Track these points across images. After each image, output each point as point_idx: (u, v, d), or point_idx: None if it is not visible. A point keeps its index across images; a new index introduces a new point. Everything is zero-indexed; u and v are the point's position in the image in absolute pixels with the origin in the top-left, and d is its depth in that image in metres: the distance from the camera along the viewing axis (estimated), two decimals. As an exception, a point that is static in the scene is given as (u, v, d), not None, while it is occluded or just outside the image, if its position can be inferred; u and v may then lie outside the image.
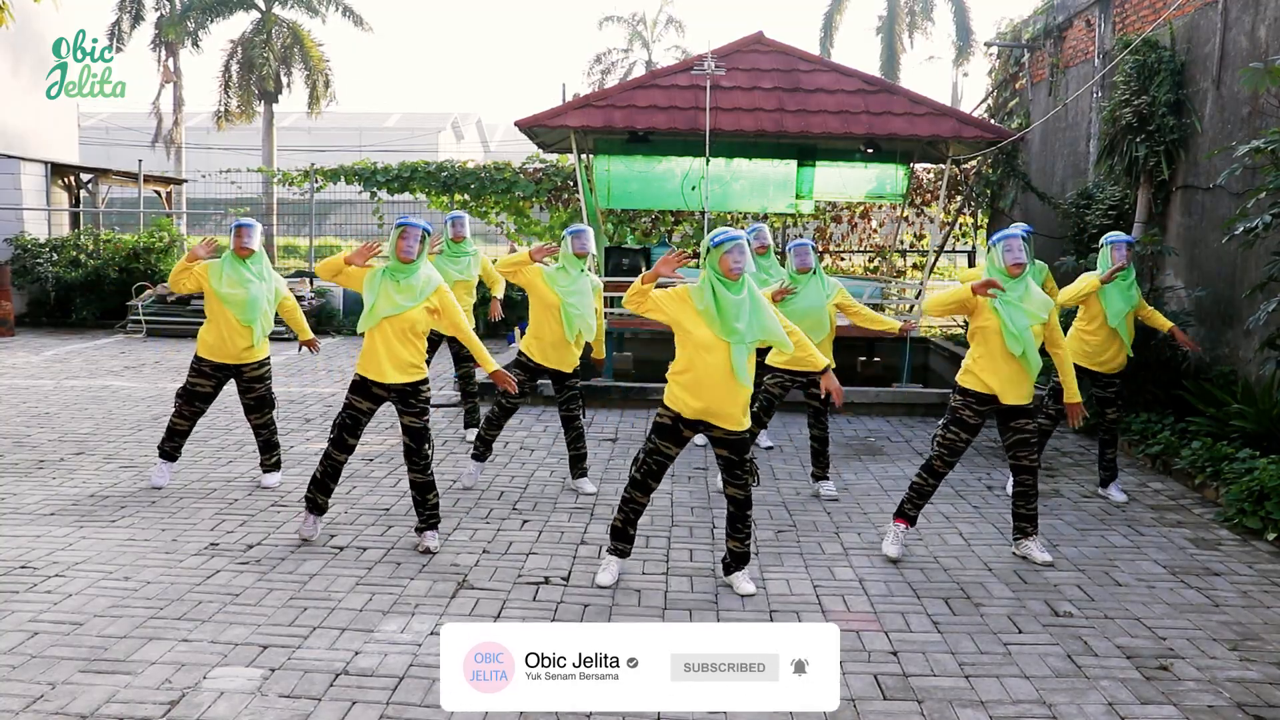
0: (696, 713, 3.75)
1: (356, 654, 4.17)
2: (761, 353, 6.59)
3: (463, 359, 8.14)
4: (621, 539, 5.07)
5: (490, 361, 5.54)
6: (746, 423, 4.85)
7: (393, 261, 5.29)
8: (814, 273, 6.58)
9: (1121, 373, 6.74)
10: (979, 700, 3.88)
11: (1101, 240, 6.74)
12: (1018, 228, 5.38)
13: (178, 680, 3.90)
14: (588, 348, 6.79)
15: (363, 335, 5.41)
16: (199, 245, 6.25)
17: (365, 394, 5.38)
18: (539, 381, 6.66)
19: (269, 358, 6.56)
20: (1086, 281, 6.59)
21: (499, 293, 8.28)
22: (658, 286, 4.81)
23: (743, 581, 4.96)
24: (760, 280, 7.37)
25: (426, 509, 5.47)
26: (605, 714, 3.72)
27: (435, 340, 8.13)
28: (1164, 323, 6.91)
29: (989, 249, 5.47)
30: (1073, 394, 5.60)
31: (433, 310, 5.36)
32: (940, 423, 5.55)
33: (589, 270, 6.50)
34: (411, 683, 3.93)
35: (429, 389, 5.44)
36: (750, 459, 4.90)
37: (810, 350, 5.13)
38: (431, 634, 4.37)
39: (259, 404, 6.52)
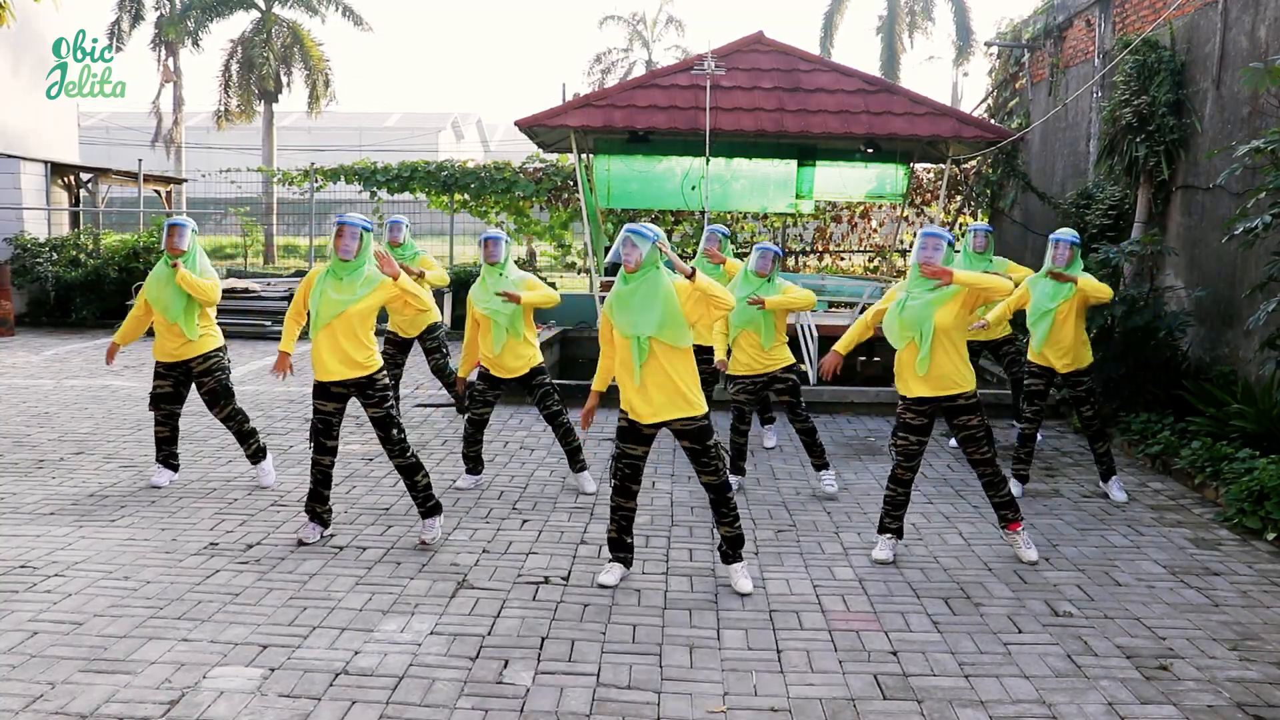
0: (695, 713, 3.76)
1: (356, 654, 4.17)
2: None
3: (430, 352, 8.19)
4: (619, 549, 5.07)
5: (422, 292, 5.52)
6: (695, 410, 4.79)
7: (333, 261, 5.31)
8: (769, 280, 6.47)
9: (1089, 370, 6.68)
10: (979, 700, 3.88)
11: (1051, 236, 6.77)
12: (943, 231, 5.34)
13: (178, 680, 3.90)
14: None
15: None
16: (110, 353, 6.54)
17: (325, 395, 5.42)
18: (504, 389, 6.69)
19: (217, 350, 6.49)
20: (1021, 282, 6.77)
21: (427, 272, 8.08)
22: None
23: (740, 579, 4.96)
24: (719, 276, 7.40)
25: (418, 492, 5.50)
26: (605, 714, 3.73)
27: (405, 343, 8.17)
28: (1103, 290, 6.51)
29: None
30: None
31: (393, 298, 5.34)
32: (891, 432, 5.57)
33: (508, 273, 6.44)
34: (411, 683, 3.93)
35: (384, 376, 5.44)
36: (715, 444, 4.88)
37: (713, 305, 4.78)
38: (431, 634, 4.37)
39: (213, 397, 6.48)
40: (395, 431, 5.42)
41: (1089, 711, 3.81)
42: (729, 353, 6.68)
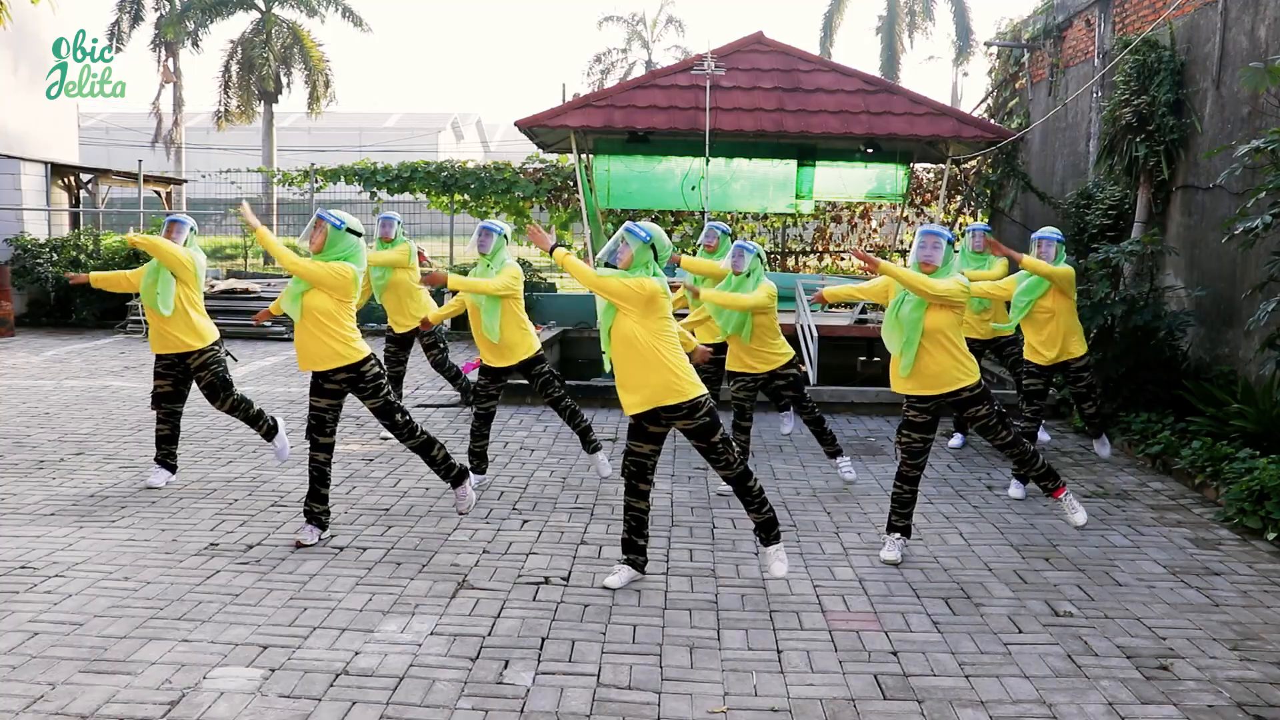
0: (696, 713, 3.76)
1: (356, 654, 4.17)
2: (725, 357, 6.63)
3: (428, 348, 8.22)
4: (630, 550, 5.06)
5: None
6: (687, 395, 4.74)
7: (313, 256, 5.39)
8: (748, 276, 6.38)
9: (1084, 365, 6.84)
10: (979, 700, 3.88)
11: (1033, 236, 6.89)
12: (938, 228, 5.38)
13: (178, 680, 3.90)
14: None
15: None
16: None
17: (318, 391, 5.46)
18: (507, 380, 6.70)
19: (213, 344, 6.51)
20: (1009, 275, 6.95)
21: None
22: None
23: (774, 562, 4.97)
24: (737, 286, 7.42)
25: (438, 465, 5.58)
26: (605, 714, 3.73)
27: (406, 340, 8.16)
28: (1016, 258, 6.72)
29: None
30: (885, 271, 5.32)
31: (332, 284, 5.28)
32: (895, 430, 5.60)
33: (499, 267, 6.43)
34: (411, 683, 3.93)
35: (371, 366, 5.45)
36: (722, 438, 4.87)
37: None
38: (432, 634, 4.37)
39: (212, 391, 6.49)
40: (399, 416, 5.49)
41: (1089, 711, 3.81)
42: (724, 346, 6.72)
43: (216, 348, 6.51)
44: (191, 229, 6.53)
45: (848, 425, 8.99)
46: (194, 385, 6.61)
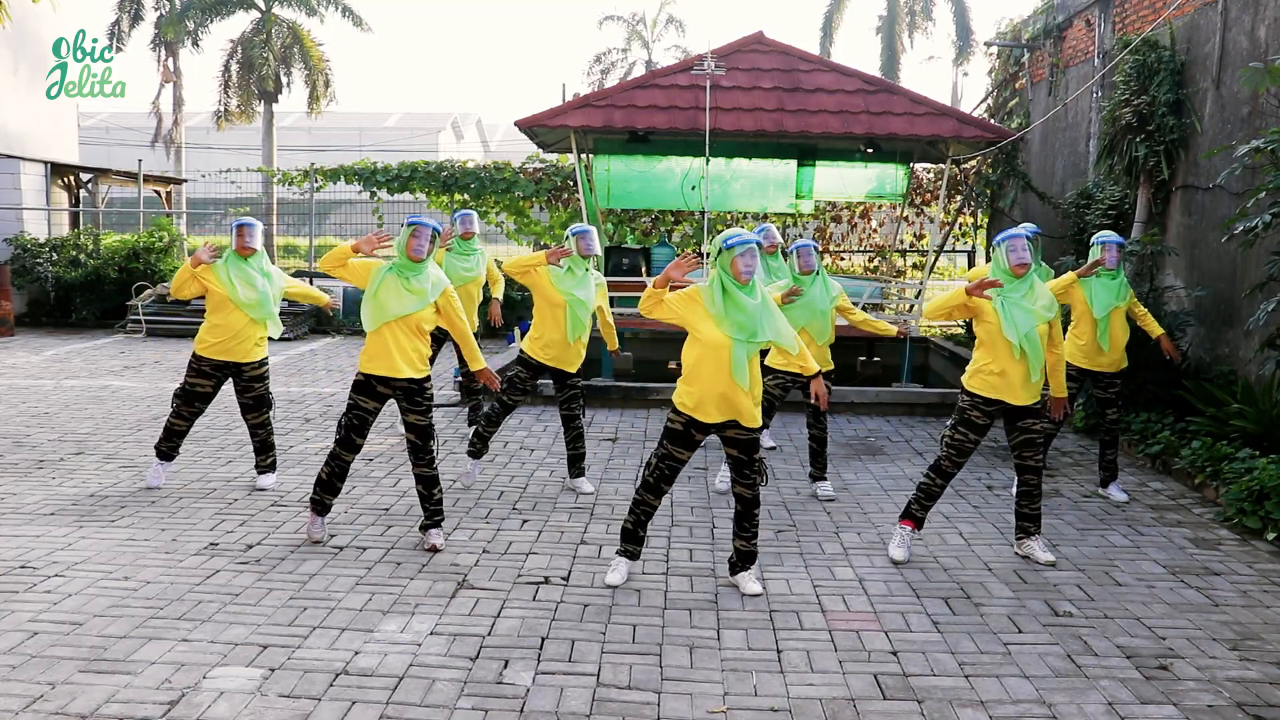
0: (696, 713, 3.76)
1: (356, 654, 4.17)
2: (760, 353, 6.61)
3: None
4: (632, 541, 5.08)
5: (479, 359, 5.60)
6: (757, 422, 4.87)
7: (401, 259, 5.31)
8: (817, 274, 6.59)
9: (1122, 373, 6.76)
10: (979, 700, 3.88)
11: (1093, 239, 6.74)
12: (1024, 228, 5.40)
13: (178, 680, 3.90)
14: (593, 344, 6.76)
15: (363, 333, 5.44)
16: (201, 250, 6.23)
17: (370, 393, 5.39)
18: (540, 381, 6.67)
19: (268, 358, 6.56)
20: (1065, 277, 6.67)
21: (499, 293, 8.33)
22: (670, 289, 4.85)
23: (749, 581, 4.96)
24: (766, 280, 7.43)
25: (432, 503, 5.50)
26: (605, 714, 3.73)
27: (440, 338, 8.14)
28: (1155, 328, 6.84)
29: (994, 248, 5.48)
30: (1058, 389, 5.63)
31: (437, 310, 5.44)
32: (948, 423, 5.55)
33: (592, 270, 6.53)
34: (411, 683, 3.93)
35: (431, 385, 5.46)
36: (760, 459, 4.92)
37: (806, 357, 5.10)
38: (431, 634, 4.37)
39: (257, 403, 6.51)
40: (431, 442, 5.44)
41: (1089, 711, 3.81)
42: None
43: (268, 362, 6.56)
44: (263, 230, 6.48)
45: (847, 425, 8.99)
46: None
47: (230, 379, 6.47)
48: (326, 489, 5.52)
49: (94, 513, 6.00)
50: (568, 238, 6.44)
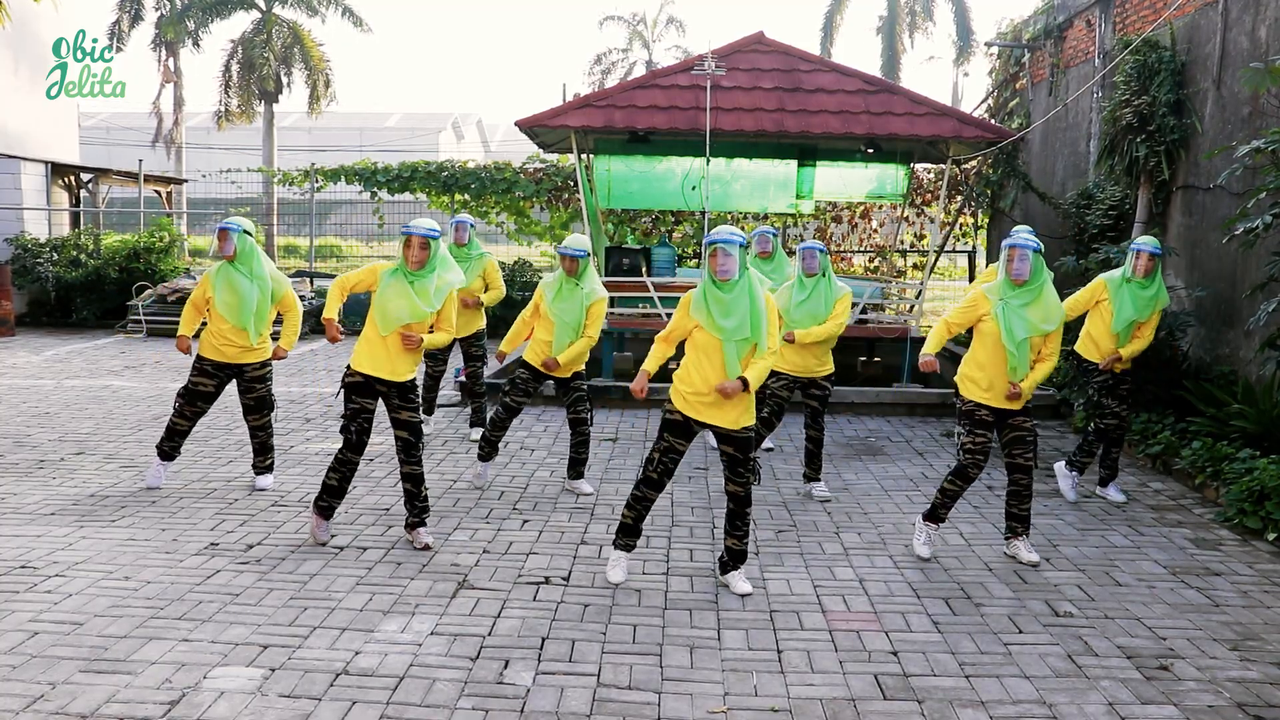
0: (696, 713, 3.76)
1: (356, 654, 4.17)
2: None
3: (472, 358, 8.13)
4: (630, 534, 5.09)
5: (435, 343, 5.54)
6: (749, 420, 4.88)
7: (401, 264, 5.34)
8: (823, 275, 6.59)
9: (1129, 371, 6.70)
10: (979, 700, 3.88)
11: (1129, 245, 6.66)
12: (1029, 240, 5.35)
13: (178, 680, 3.90)
14: (595, 344, 6.69)
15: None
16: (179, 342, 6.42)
17: (369, 393, 5.42)
18: (540, 383, 6.66)
19: (270, 360, 6.55)
20: (1094, 285, 6.59)
21: (491, 301, 8.03)
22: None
23: (739, 581, 4.96)
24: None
25: (419, 500, 5.51)
26: (605, 714, 3.73)
27: (452, 343, 8.11)
28: (1137, 347, 6.57)
29: (1004, 248, 5.45)
30: (1028, 384, 5.39)
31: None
32: (959, 429, 5.58)
33: (587, 288, 6.38)
34: (411, 683, 3.93)
35: (414, 381, 5.50)
36: (754, 458, 4.95)
37: (756, 365, 4.91)
38: (432, 634, 4.37)
39: (259, 404, 6.51)
40: (419, 439, 5.46)
41: (1089, 711, 3.81)
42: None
43: (271, 364, 6.55)
44: (246, 232, 6.35)
45: (848, 425, 8.98)
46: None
47: (234, 379, 6.47)
48: (335, 493, 5.54)
49: (94, 513, 6.00)
50: (562, 256, 6.40)
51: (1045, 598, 4.95)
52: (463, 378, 8.74)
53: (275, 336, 6.64)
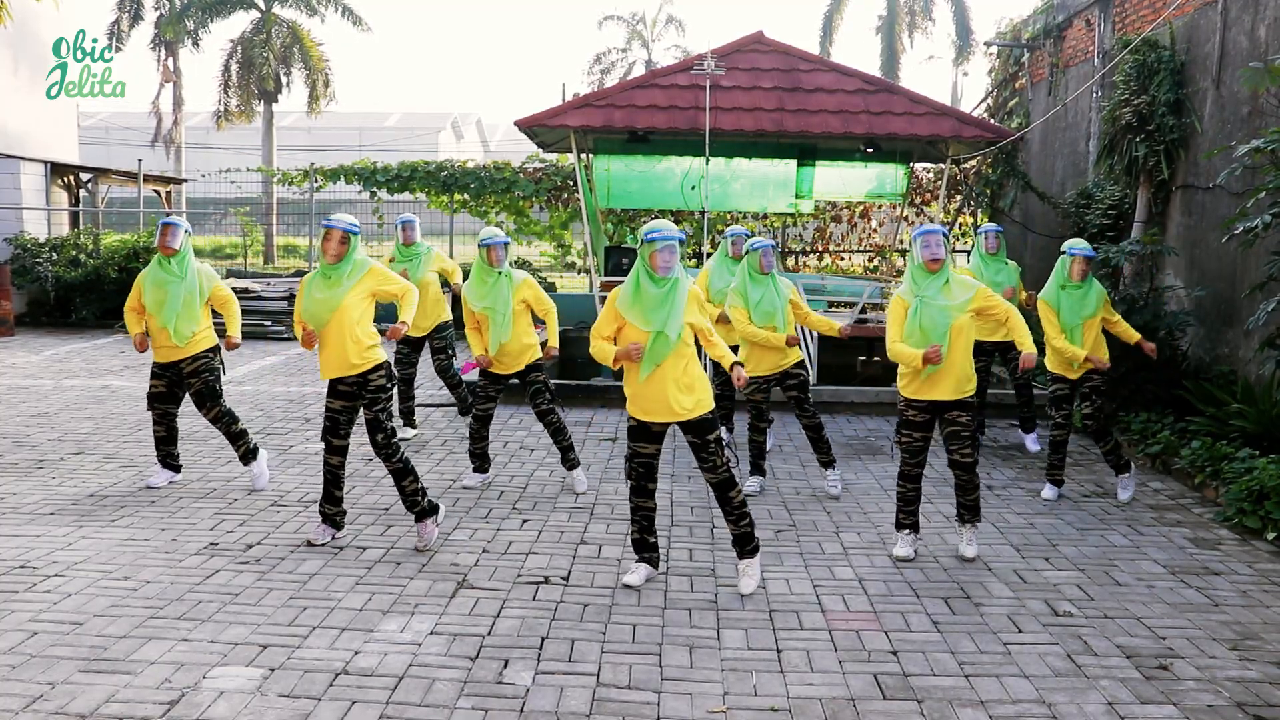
0: (696, 713, 3.76)
1: (356, 654, 4.17)
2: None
3: (436, 351, 8.25)
4: (644, 549, 5.08)
5: (405, 313, 5.52)
6: (705, 409, 4.86)
7: (323, 264, 5.37)
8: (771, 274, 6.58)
9: (1105, 372, 6.67)
10: (979, 700, 3.88)
11: (1062, 248, 6.69)
12: (936, 226, 5.39)
13: (178, 680, 3.90)
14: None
15: None
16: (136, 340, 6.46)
17: (333, 393, 5.46)
18: (507, 383, 6.69)
19: (208, 351, 6.47)
20: (1041, 310, 6.61)
21: (457, 279, 8.30)
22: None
23: (744, 578, 4.96)
24: (726, 283, 7.36)
25: (406, 496, 5.47)
26: (605, 714, 3.73)
27: (418, 343, 8.16)
28: (1131, 335, 6.72)
29: (911, 243, 5.45)
30: (1024, 346, 5.42)
31: (373, 294, 5.43)
32: (894, 429, 5.57)
33: (508, 273, 6.48)
34: (411, 683, 3.93)
35: (379, 377, 5.43)
36: (717, 438, 4.91)
37: (718, 346, 4.99)
38: (431, 634, 4.37)
39: (200, 398, 6.46)
40: (380, 436, 5.41)
41: (1089, 711, 3.81)
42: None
43: (211, 355, 6.50)
44: (186, 231, 6.45)
45: (848, 425, 8.99)
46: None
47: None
48: (326, 499, 5.57)
49: (94, 513, 6.00)
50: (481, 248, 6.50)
51: (1045, 597, 4.95)
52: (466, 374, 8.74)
53: (220, 332, 6.62)
